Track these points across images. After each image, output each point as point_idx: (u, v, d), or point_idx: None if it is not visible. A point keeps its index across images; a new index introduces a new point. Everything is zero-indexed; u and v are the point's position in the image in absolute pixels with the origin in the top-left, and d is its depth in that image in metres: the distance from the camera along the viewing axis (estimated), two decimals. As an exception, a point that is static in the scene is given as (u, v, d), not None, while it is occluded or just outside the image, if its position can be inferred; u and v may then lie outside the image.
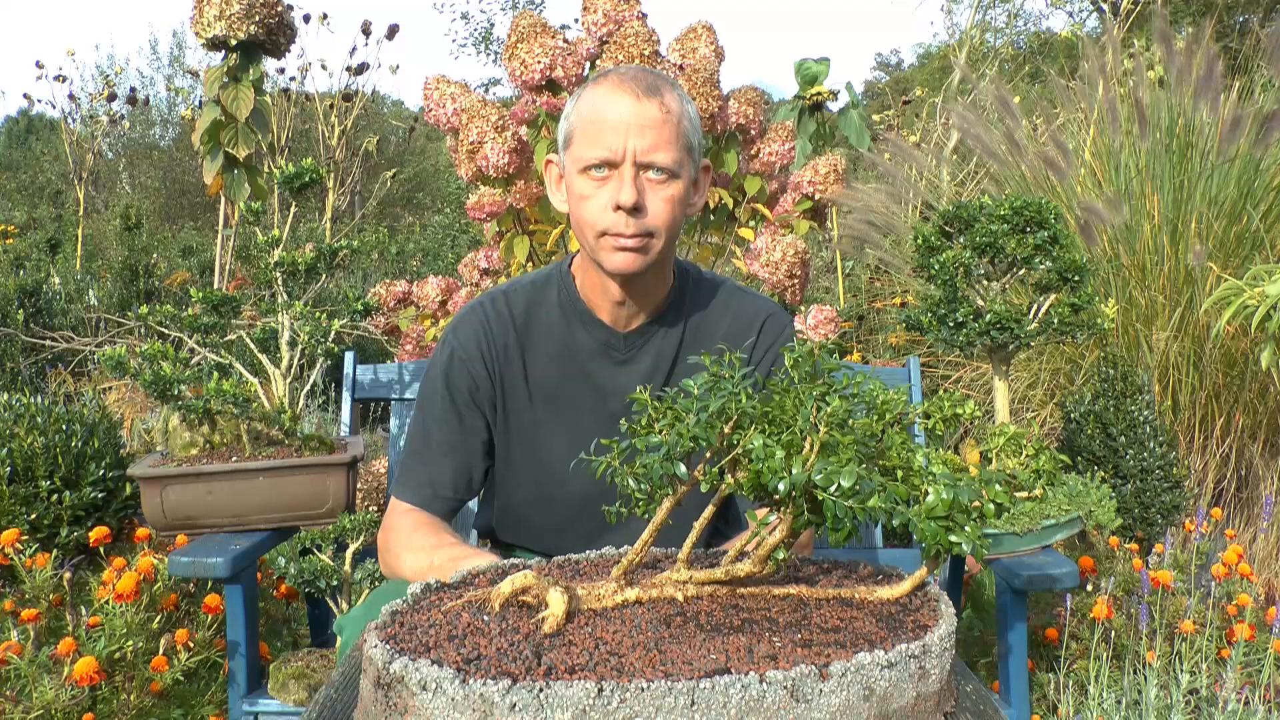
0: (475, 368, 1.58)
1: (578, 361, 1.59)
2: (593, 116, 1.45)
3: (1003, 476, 1.00)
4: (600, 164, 1.45)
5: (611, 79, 1.47)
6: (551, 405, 1.60)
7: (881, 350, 4.34)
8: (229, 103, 3.53)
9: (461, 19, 26.37)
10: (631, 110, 1.43)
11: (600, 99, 1.46)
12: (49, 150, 15.61)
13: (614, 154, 1.44)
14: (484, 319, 1.61)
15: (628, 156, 1.44)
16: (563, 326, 1.60)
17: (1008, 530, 1.67)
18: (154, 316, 2.01)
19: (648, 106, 1.44)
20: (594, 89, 1.48)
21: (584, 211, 1.48)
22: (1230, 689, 1.98)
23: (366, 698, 0.90)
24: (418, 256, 9.56)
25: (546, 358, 1.60)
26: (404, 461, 1.63)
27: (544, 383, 1.60)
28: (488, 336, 1.59)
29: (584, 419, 1.59)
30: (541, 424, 1.61)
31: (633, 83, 1.45)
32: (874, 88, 20.71)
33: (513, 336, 1.60)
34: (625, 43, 2.96)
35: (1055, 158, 3.14)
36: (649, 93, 1.45)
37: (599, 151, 1.44)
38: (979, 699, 1.05)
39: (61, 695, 1.83)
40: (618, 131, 1.43)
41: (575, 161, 1.48)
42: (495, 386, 1.59)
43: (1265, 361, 2.37)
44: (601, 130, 1.44)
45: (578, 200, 1.49)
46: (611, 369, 1.59)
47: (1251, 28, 11.14)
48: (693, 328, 1.61)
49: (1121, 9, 5.42)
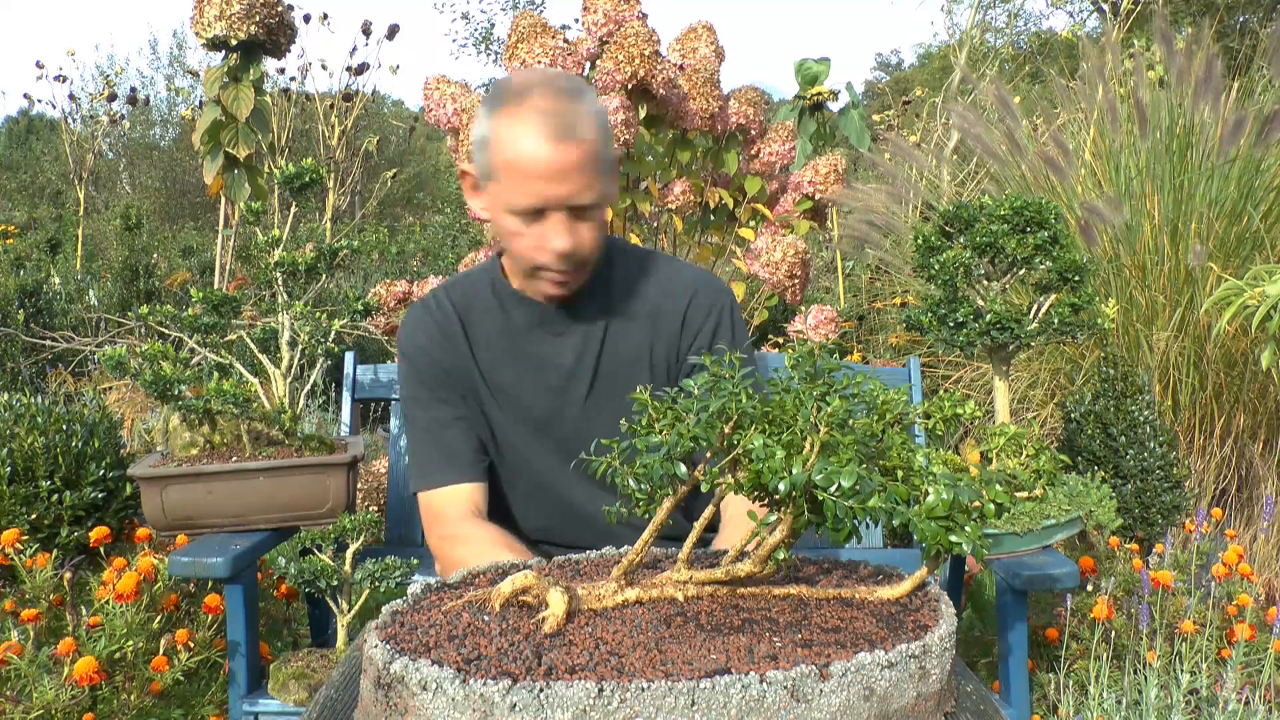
0: (434, 352, 1.67)
1: (514, 338, 1.66)
2: (516, 163, 1.45)
3: (1003, 476, 1.00)
4: (529, 212, 1.47)
5: (527, 114, 1.44)
6: (497, 385, 1.67)
7: (882, 350, 4.34)
8: (229, 103, 3.53)
9: (462, 19, 26.40)
10: (551, 157, 1.43)
11: (520, 145, 1.44)
12: (49, 150, 15.62)
13: (543, 203, 1.46)
14: (426, 315, 1.69)
15: (556, 203, 1.46)
16: (499, 310, 1.66)
17: (1008, 530, 1.67)
18: (154, 316, 2.01)
19: (567, 150, 1.44)
20: (511, 124, 1.45)
21: (516, 246, 1.53)
22: (1230, 689, 1.98)
23: (366, 698, 0.90)
24: (418, 256, 9.56)
25: (487, 339, 1.67)
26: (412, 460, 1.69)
27: (491, 364, 1.67)
28: (434, 327, 1.67)
29: (528, 395, 1.66)
30: (493, 401, 1.67)
31: (549, 123, 1.43)
32: (874, 88, 20.71)
33: (456, 325, 1.67)
34: (625, 43, 2.96)
35: (1056, 158, 3.14)
36: (565, 133, 1.44)
37: (528, 201, 1.46)
38: (979, 699, 1.05)
39: (61, 695, 1.83)
40: (542, 180, 1.44)
41: (500, 201, 1.49)
42: (455, 359, 1.66)
43: (1265, 361, 2.37)
44: (526, 180, 1.45)
45: (507, 234, 1.53)
46: (546, 344, 1.65)
47: (1251, 28, 11.14)
48: (621, 294, 1.66)
49: (1121, 9, 5.42)
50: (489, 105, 1.50)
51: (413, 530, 2.18)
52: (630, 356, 1.65)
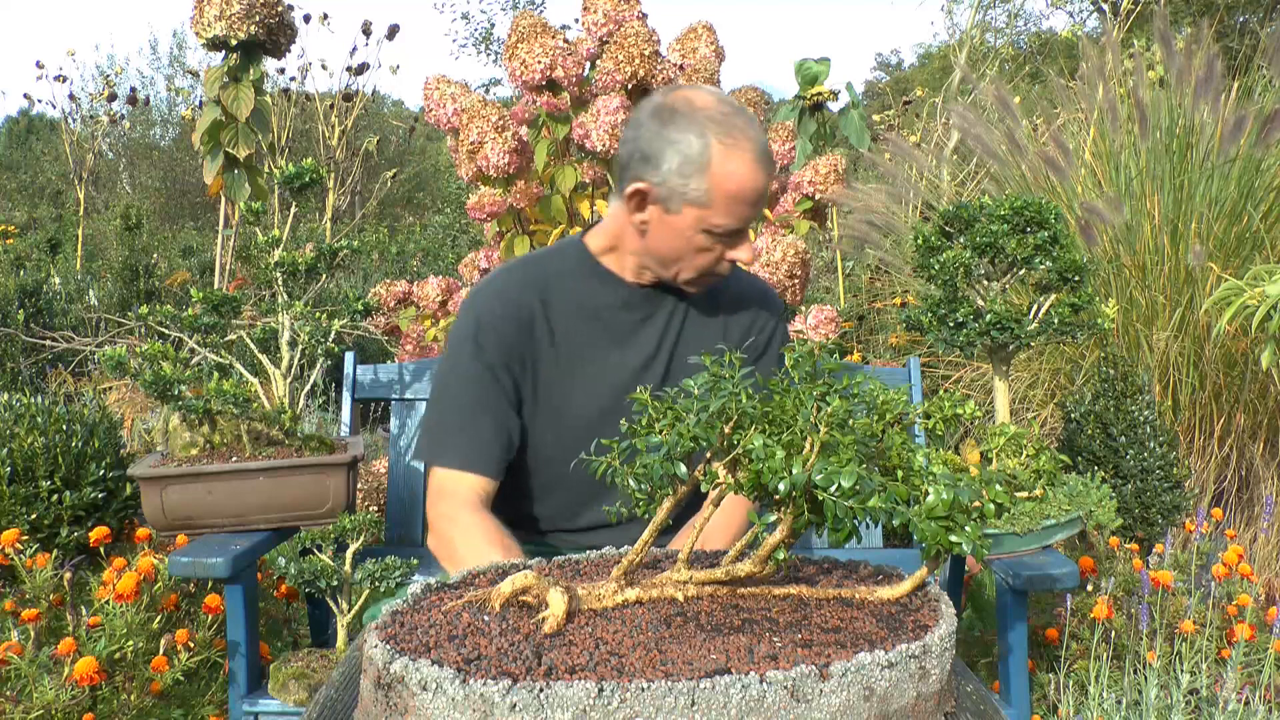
0: (502, 328, 1.65)
1: (600, 316, 1.69)
2: (737, 194, 1.55)
3: (1003, 476, 1.00)
4: (730, 233, 1.59)
5: (748, 149, 1.55)
6: (574, 360, 1.68)
7: (882, 350, 4.34)
8: (229, 103, 3.53)
9: (462, 19, 26.40)
10: (766, 184, 1.58)
11: (744, 176, 1.55)
12: (49, 150, 15.62)
13: (744, 225, 1.60)
14: (505, 284, 1.70)
15: (749, 224, 1.61)
16: (582, 287, 1.69)
17: (1008, 530, 1.67)
18: (154, 316, 2.00)
19: (771, 175, 1.61)
20: (734, 156, 1.54)
21: (693, 259, 1.61)
22: (1230, 689, 1.98)
23: (366, 698, 0.90)
24: (418, 256, 9.56)
25: (568, 315, 1.68)
26: (435, 428, 1.68)
27: (566, 339, 1.68)
28: (510, 298, 1.67)
29: (609, 372, 1.68)
30: (565, 378, 1.68)
31: (764, 155, 1.57)
32: (874, 88, 20.71)
33: (534, 295, 1.67)
34: (625, 43, 2.96)
35: (1056, 158, 3.14)
36: (771, 160, 1.60)
37: (737, 224, 1.58)
38: (979, 699, 1.05)
39: (61, 695, 1.83)
40: (754, 206, 1.58)
41: (702, 223, 1.57)
42: (524, 344, 1.66)
43: (1265, 361, 2.37)
44: (742, 206, 1.56)
45: (691, 250, 1.60)
46: (631, 325, 1.70)
47: (1251, 28, 11.13)
48: (700, 293, 1.72)
49: (1121, 9, 5.42)
50: (693, 129, 1.54)
51: (413, 530, 2.18)
52: (704, 348, 1.72)
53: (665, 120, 1.55)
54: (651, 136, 1.55)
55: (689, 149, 1.53)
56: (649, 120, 1.57)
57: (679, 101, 1.56)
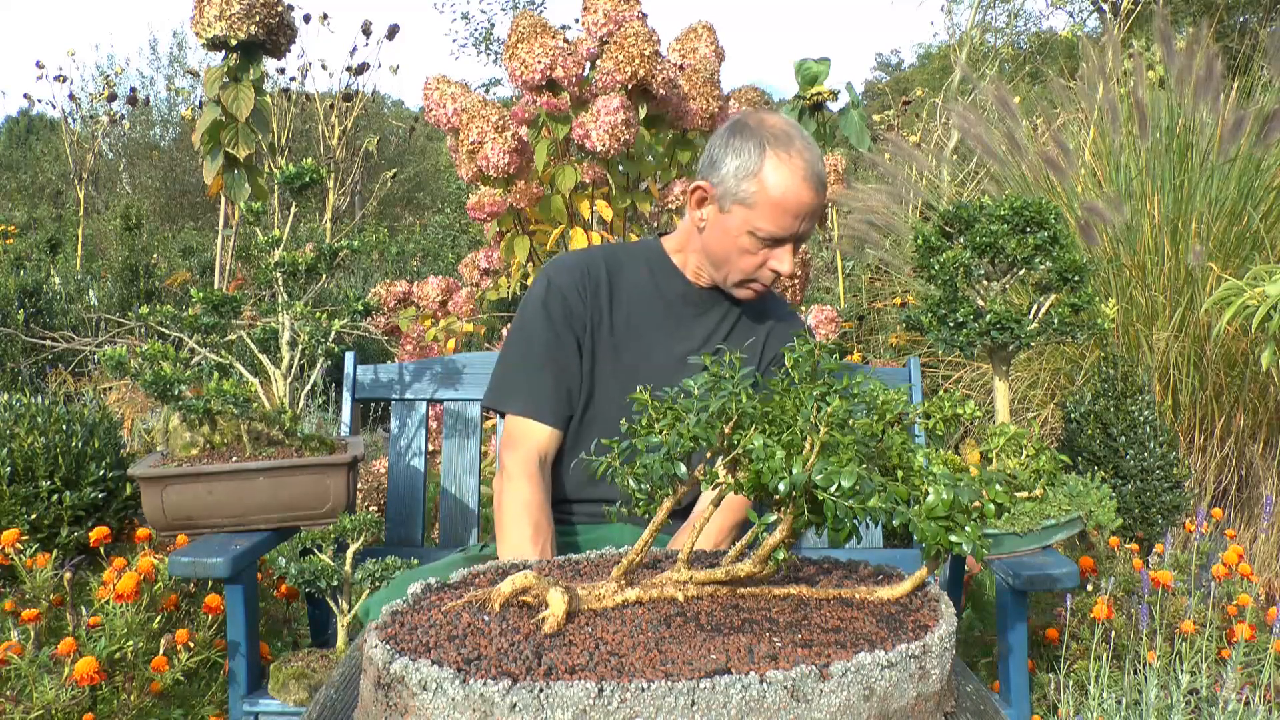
0: (570, 295, 1.79)
1: (660, 303, 1.83)
2: (780, 201, 1.67)
3: (1003, 476, 1.00)
4: (772, 240, 1.70)
5: (799, 165, 1.68)
6: (628, 337, 1.81)
7: (882, 350, 4.34)
8: (229, 103, 3.53)
9: (462, 19, 26.38)
10: (811, 202, 1.69)
11: (790, 185, 1.67)
12: (49, 150, 15.61)
13: (787, 235, 1.70)
14: (579, 258, 1.85)
15: (794, 236, 1.71)
16: (649, 276, 1.85)
17: (1008, 530, 1.67)
18: (154, 316, 2.00)
19: (818, 198, 1.70)
20: (784, 167, 1.67)
21: (739, 260, 1.74)
22: (1230, 689, 1.98)
23: (366, 698, 0.90)
24: (418, 256, 9.56)
25: (632, 297, 1.83)
26: (499, 378, 1.82)
27: (625, 317, 1.82)
28: (581, 271, 1.81)
29: (656, 355, 1.81)
30: (615, 354, 1.80)
31: (816, 178, 1.69)
32: (874, 88, 20.70)
33: (603, 273, 1.82)
34: (625, 43, 2.96)
35: (1056, 158, 3.14)
36: (821, 186, 1.71)
37: (778, 232, 1.69)
38: (979, 699, 1.05)
39: (62, 695, 1.83)
40: (796, 218, 1.69)
41: (748, 224, 1.70)
42: (586, 312, 1.79)
43: (1265, 361, 2.37)
44: (785, 215, 1.68)
45: (737, 250, 1.73)
46: (688, 316, 1.84)
47: (1251, 28, 11.13)
48: (749, 305, 1.86)
49: (1121, 9, 5.42)
50: (755, 140, 1.69)
51: (413, 530, 2.18)
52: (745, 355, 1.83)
53: (735, 132, 1.73)
54: (721, 145, 1.74)
55: (747, 155, 1.70)
56: (724, 132, 1.75)
57: (751, 118, 1.74)
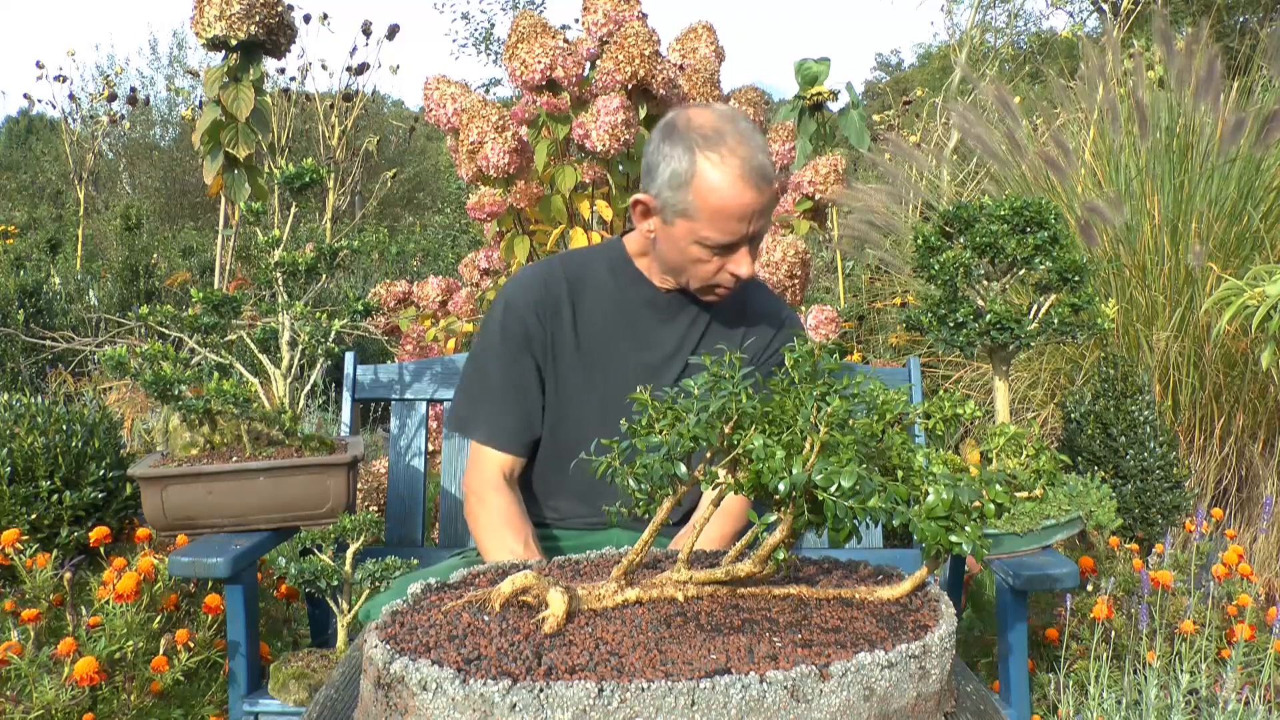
0: (528, 317, 1.73)
1: (625, 313, 1.75)
2: (721, 208, 1.56)
3: (1003, 477, 1.00)
4: (722, 247, 1.60)
5: (734, 164, 1.56)
6: (594, 351, 1.74)
7: (882, 350, 4.34)
8: (229, 103, 3.53)
9: (462, 19, 26.37)
10: (753, 201, 1.57)
11: (727, 191, 1.56)
12: (49, 150, 15.61)
13: (737, 240, 1.60)
14: (536, 275, 1.77)
15: (746, 239, 1.61)
16: (613, 284, 1.76)
17: (1008, 530, 1.67)
18: (154, 316, 2.00)
19: (763, 194, 1.58)
20: (717, 170, 1.56)
21: (694, 270, 1.65)
22: (1230, 689, 1.98)
23: (367, 698, 0.90)
24: (418, 256, 9.56)
25: (595, 309, 1.75)
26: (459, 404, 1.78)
27: (590, 331, 1.74)
28: (539, 290, 1.74)
29: (628, 367, 1.74)
30: (583, 369, 1.74)
31: (755, 173, 1.57)
32: (874, 88, 20.70)
33: (564, 289, 1.74)
34: (625, 43, 2.96)
35: (1056, 158, 3.14)
36: (766, 181, 1.58)
37: (725, 239, 1.59)
38: (979, 699, 1.05)
39: (62, 695, 1.83)
40: (742, 222, 1.58)
41: (693, 234, 1.60)
42: (546, 334, 1.73)
43: (1265, 361, 2.37)
44: (729, 221, 1.57)
45: (688, 260, 1.63)
46: (655, 324, 1.75)
47: (1251, 28, 11.13)
48: (724, 303, 1.75)
49: (1121, 9, 5.42)
50: (684, 145, 1.58)
51: (413, 530, 2.18)
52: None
53: (665, 135, 1.62)
54: (653, 151, 1.63)
55: (678, 164, 1.59)
56: (656, 135, 1.65)
57: (679, 118, 1.63)
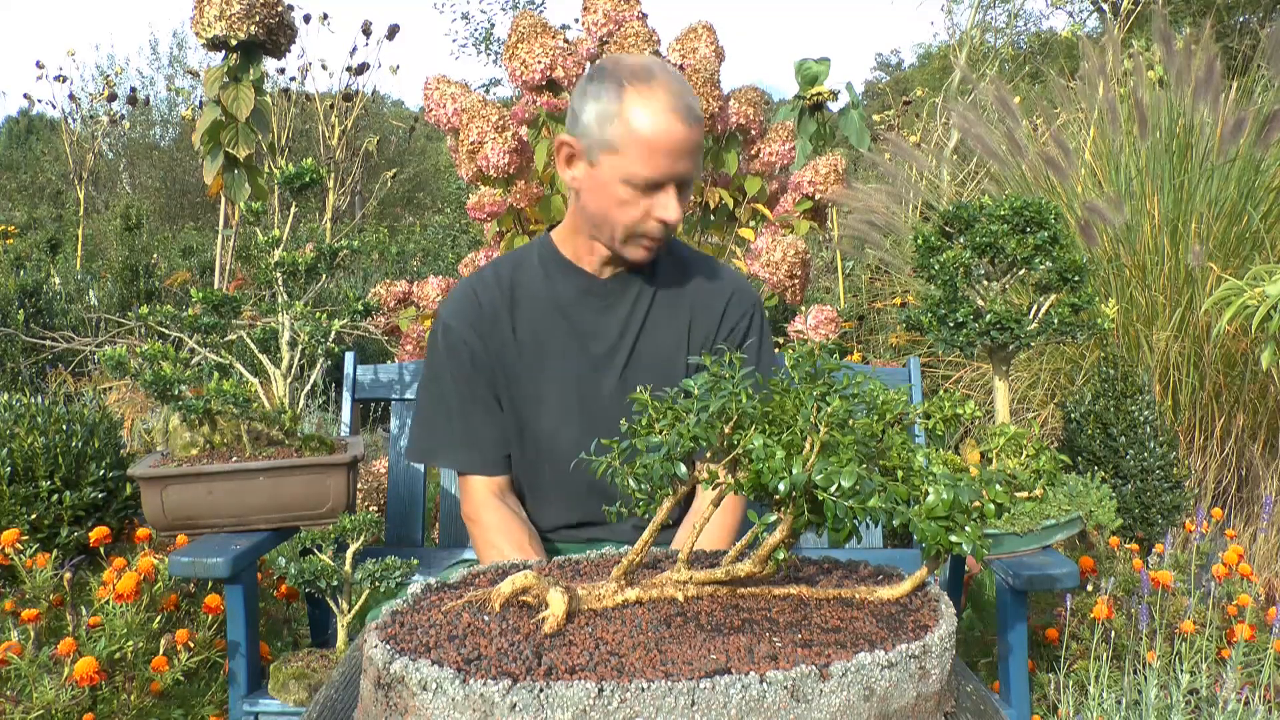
0: (467, 335, 1.70)
1: (560, 308, 1.71)
2: (650, 140, 1.53)
3: (1003, 476, 1.00)
4: (647, 185, 1.55)
5: (662, 98, 1.53)
6: (538, 353, 1.71)
7: (882, 350, 4.34)
8: (229, 103, 3.52)
9: (462, 19, 26.38)
10: (683, 137, 1.54)
11: (654, 122, 1.53)
12: (49, 150, 15.61)
13: (664, 178, 1.55)
14: (467, 291, 1.73)
15: (672, 178, 1.56)
16: (544, 279, 1.72)
17: (1008, 530, 1.67)
18: (154, 316, 2.00)
19: (692, 131, 1.55)
20: (645, 103, 1.53)
21: (619, 214, 1.59)
22: (1230, 689, 1.98)
23: (366, 698, 0.90)
24: (418, 256, 9.56)
25: (533, 309, 1.71)
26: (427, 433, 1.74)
27: (530, 333, 1.71)
28: (472, 305, 1.71)
29: (570, 363, 1.70)
30: (531, 373, 1.71)
31: (684, 109, 1.54)
32: (874, 88, 20.70)
33: (500, 297, 1.71)
34: (625, 43, 2.96)
35: (1056, 158, 3.14)
36: (695, 119, 1.55)
37: (653, 175, 1.55)
38: (979, 699, 1.05)
39: (62, 695, 1.83)
40: (669, 157, 1.54)
41: (620, 171, 1.56)
42: (487, 347, 1.70)
43: (1265, 361, 2.37)
44: (657, 155, 1.54)
45: (613, 202, 1.58)
46: (592, 314, 1.71)
47: (1251, 28, 11.13)
48: (665, 280, 1.74)
49: (1121, 9, 5.42)
50: (612, 81, 1.56)
51: (413, 530, 2.18)
52: (668, 339, 1.73)
53: (591, 78, 1.60)
54: (578, 94, 1.60)
55: (607, 99, 1.56)
56: (582, 82, 1.62)
57: (608, 60, 1.62)
